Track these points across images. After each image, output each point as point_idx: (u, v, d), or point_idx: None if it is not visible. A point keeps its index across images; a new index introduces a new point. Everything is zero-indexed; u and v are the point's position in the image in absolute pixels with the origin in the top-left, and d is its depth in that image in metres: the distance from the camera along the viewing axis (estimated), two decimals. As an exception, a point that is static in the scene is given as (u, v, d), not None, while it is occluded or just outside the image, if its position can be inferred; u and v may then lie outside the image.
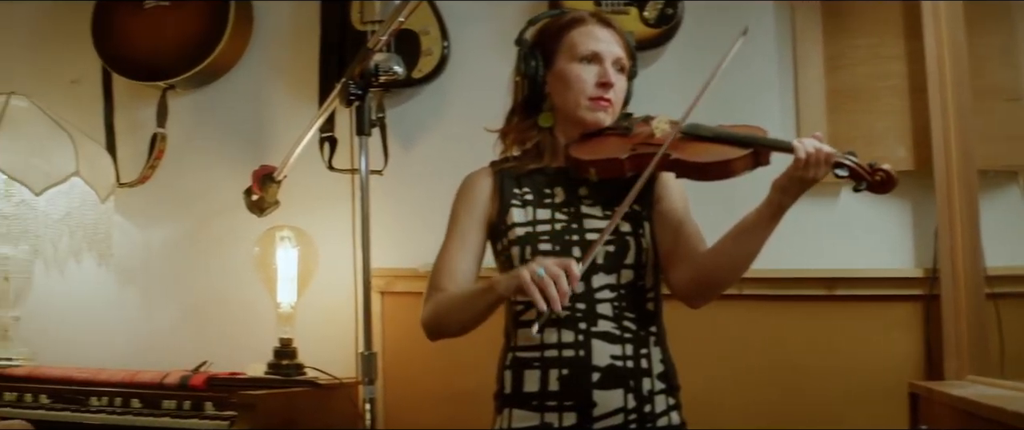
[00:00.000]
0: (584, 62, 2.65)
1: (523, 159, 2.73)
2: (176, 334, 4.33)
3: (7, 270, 4.18)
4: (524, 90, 2.74)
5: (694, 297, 2.63)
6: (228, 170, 4.25)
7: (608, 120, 2.66)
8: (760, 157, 2.50)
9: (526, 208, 2.66)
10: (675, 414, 2.62)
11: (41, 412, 3.78)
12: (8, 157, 4.01)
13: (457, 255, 2.71)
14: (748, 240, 2.50)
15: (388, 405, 3.93)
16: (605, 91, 2.64)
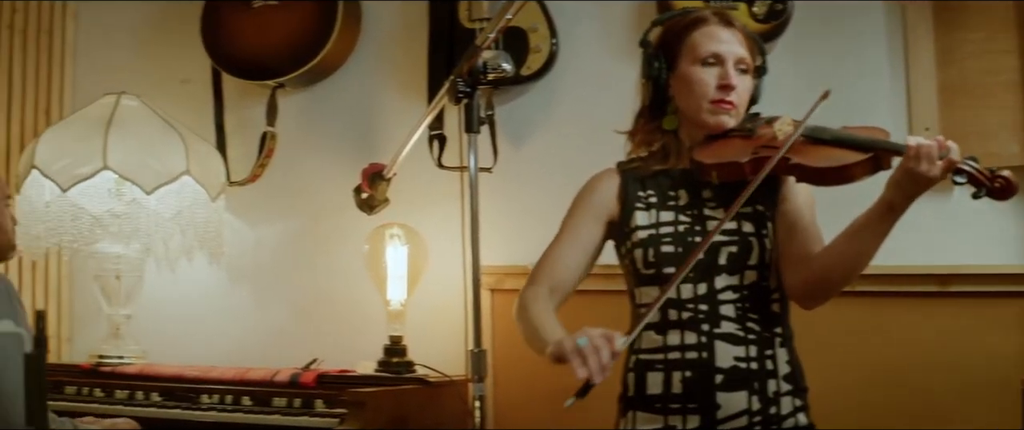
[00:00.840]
0: (706, 64, 2.62)
1: (649, 160, 2.72)
2: (286, 332, 4.37)
3: (119, 269, 4.24)
4: (649, 93, 2.72)
5: (807, 298, 2.58)
6: (338, 168, 4.26)
7: (731, 122, 2.62)
8: (881, 162, 2.45)
9: (650, 211, 2.64)
10: (802, 416, 2.57)
11: (152, 410, 3.82)
12: (120, 157, 4.04)
13: (564, 248, 2.70)
14: (862, 240, 2.45)
15: (498, 403, 3.95)
16: (726, 94, 2.61)
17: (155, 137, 4.16)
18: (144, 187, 4.03)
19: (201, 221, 4.19)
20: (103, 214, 4.10)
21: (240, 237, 4.49)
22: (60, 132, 4.19)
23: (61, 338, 4.69)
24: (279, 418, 3.65)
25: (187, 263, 4.34)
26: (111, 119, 4.14)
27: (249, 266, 4.51)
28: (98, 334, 4.36)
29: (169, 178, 4.07)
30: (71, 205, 4.07)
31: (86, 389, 3.99)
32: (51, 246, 4.17)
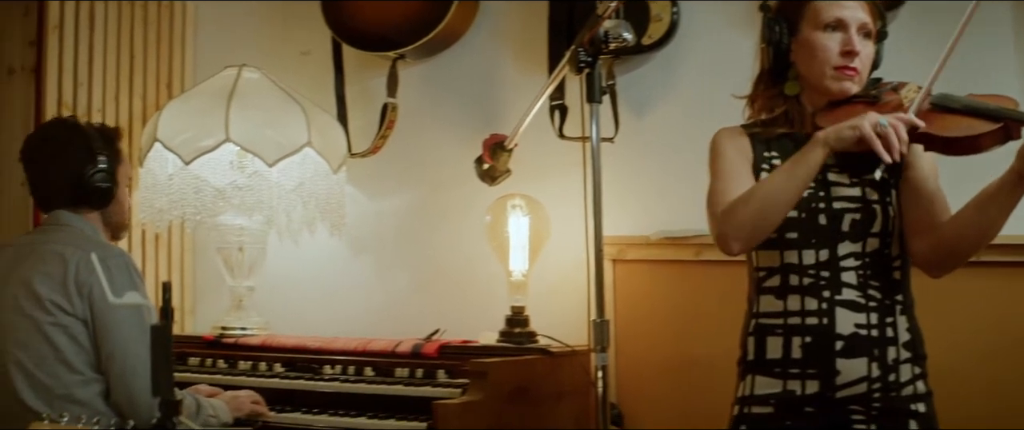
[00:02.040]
0: (828, 30, 2.71)
1: (771, 125, 2.81)
2: (408, 303, 4.51)
3: (242, 241, 4.41)
4: (769, 58, 2.81)
5: (935, 267, 2.68)
6: (458, 139, 4.40)
7: (854, 88, 2.72)
8: (1011, 131, 2.50)
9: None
10: (921, 384, 2.67)
11: (275, 380, 3.97)
12: (241, 129, 4.17)
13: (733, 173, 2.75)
14: (992, 210, 2.53)
15: (620, 373, 4.02)
16: (850, 60, 2.70)
17: (276, 109, 4.29)
18: (266, 159, 4.17)
19: (322, 193, 4.32)
20: (225, 186, 4.25)
21: (361, 208, 4.63)
22: (182, 105, 4.35)
23: (184, 310, 4.89)
24: (401, 388, 3.77)
25: (309, 235, 4.48)
26: (233, 92, 4.28)
27: (370, 237, 4.64)
28: (221, 306, 4.54)
29: (291, 150, 4.19)
30: (194, 177, 4.22)
31: (209, 360, 4.16)
32: (174, 219, 4.33)
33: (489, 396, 3.59)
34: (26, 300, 3.29)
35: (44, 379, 3.25)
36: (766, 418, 2.71)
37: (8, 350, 3.29)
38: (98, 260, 3.24)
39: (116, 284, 3.24)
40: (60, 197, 3.44)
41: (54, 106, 4.44)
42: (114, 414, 3.26)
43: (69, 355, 3.26)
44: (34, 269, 3.31)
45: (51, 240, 3.38)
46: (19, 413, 3.24)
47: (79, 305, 3.25)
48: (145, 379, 2.30)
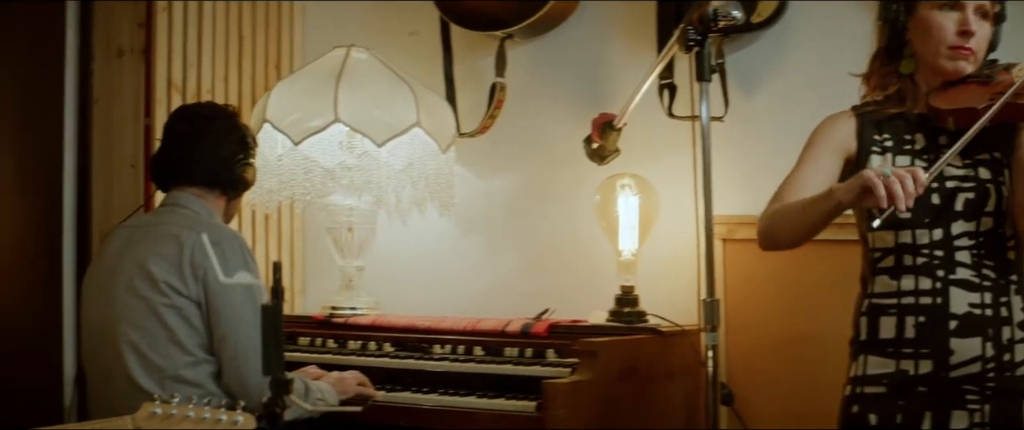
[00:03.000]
0: (945, 9, 2.76)
1: (884, 104, 2.86)
2: (517, 282, 4.58)
3: (351, 221, 4.48)
4: (885, 36, 2.87)
5: None
6: (567, 119, 4.44)
7: (969, 68, 2.77)
8: None
9: (885, 155, 2.80)
10: (1035, 363, 2.71)
11: (385, 360, 4.08)
12: (350, 109, 4.25)
13: (807, 173, 2.85)
14: None
15: (730, 352, 4.06)
16: (965, 40, 2.75)
17: (385, 89, 4.35)
18: (375, 139, 4.24)
19: (432, 173, 4.39)
20: (335, 167, 4.34)
21: (470, 188, 4.71)
22: (291, 86, 4.44)
23: (294, 290, 4.99)
24: (511, 368, 3.85)
25: (418, 215, 4.55)
26: (341, 72, 4.35)
27: (480, 217, 4.73)
28: (331, 286, 4.65)
29: (400, 130, 4.26)
30: (303, 158, 4.32)
31: (319, 340, 4.29)
32: (284, 199, 4.44)
33: (599, 375, 3.64)
34: (141, 281, 3.41)
35: (157, 360, 3.38)
36: (879, 398, 2.78)
37: (122, 330, 3.42)
38: (211, 241, 3.35)
39: (229, 265, 3.36)
40: (194, 178, 3.57)
41: (164, 87, 4.54)
42: (225, 395, 3.34)
43: (182, 336, 3.39)
44: (149, 250, 3.43)
45: (167, 222, 3.51)
46: (131, 393, 3.35)
47: (193, 287, 3.37)
48: (257, 360, 2.37)
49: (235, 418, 2.57)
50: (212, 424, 2.55)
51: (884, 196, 2.46)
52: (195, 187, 3.58)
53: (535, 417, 3.58)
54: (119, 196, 4.55)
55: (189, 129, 3.63)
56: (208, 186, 3.59)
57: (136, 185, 4.51)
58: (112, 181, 4.56)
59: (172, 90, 4.57)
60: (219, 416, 2.56)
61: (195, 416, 2.55)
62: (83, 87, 4.62)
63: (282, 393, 2.27)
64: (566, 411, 3.53)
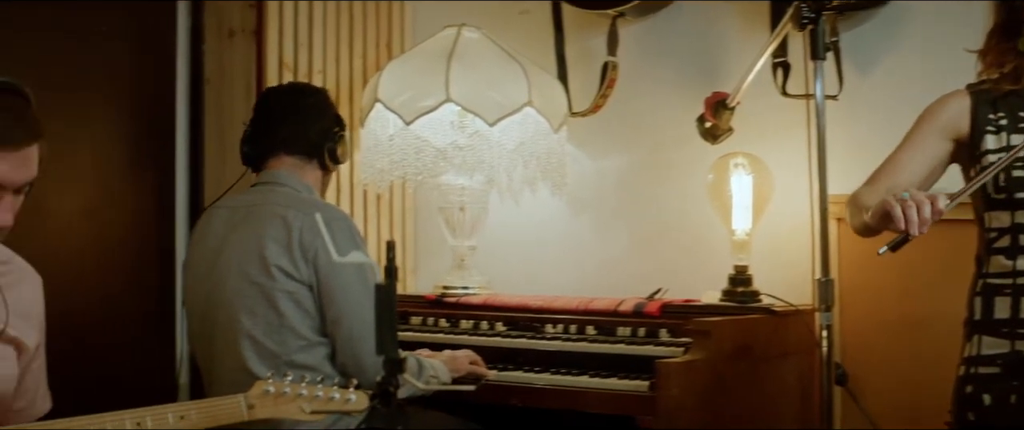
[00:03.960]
0: None
1: (1000, 82, 2.89)
2: (630, 262, 4.64)
3: (463, 201, 4.58)
4: (1002, 13, 2.90)
5: None
6: (680, 97, 4.46)
7: None
8: None
9: (1000, 134, 2.84)
10: None
11: (497, 339, 4.15)
12: (462, 88, 4.32)
13: (906, 155, 2.92)
14: None
15: (844, 331, 4.07)
16: None
17: (496, 69, 4.42)
18: (487, 119, 4.32)
19: (543, 152, 4.45)
20: (446, 146, 4.40)
21: (582, 168, 4.77)
22: (402, 65, 4.53)
23: (406, 269, 5.08)
24: (623, 347, 3.90)
25: (530, 194, 4.61)
26: (452, 51, 4.43)
27: (591, 197, 4.78)
28: (442, 265, 4.76)
29: (511, 110, 4.33)
30: (415, 138, 4.40)
31: (431, 319, 4.37)
32: (395, 179, 4.53)
33: (712, 355, 3.68)
34: (252, 266, 3.49)
35: (271, 346, 3.47)
36: (993, 379, 2.82)
37: (237, 318, 3.51)
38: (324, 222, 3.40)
39: (340, 245, 3.42)
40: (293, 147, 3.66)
41: (275, 67, 4.63)
42: (339, 376, 3.44)
43: (295, 321, 3.47)
44: (257, 233, 3.51)
45: (270, 202, 3.57)
46: (244, 381, 3.34)
47: (305, 270, 3.45)
48: (371, 340, 2.39)
49: (348, 396, 2.69)
50: (325, 402, 2.69)
51: (900, 218, 2.54)
52: (293, 157, 3.67)
53: (648, 397, 3.61)
54: (231, 176, 4.51)
55: (286, 103, 3.75)
56: (306, 156, 3.68)
57: (250, 165, 4.64)
58: (224, 161, 4.67)
59: (283, 70, 4.66)
60: (332, 394, 2.69)
61: (308, 394, 2.70)
62: (195, 68, 4.76)
63: (396, 372, 2.32)
64: (679, 390, 3.57)
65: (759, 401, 3.93)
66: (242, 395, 2.73)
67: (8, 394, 2.82)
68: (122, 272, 4.57)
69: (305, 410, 2.71)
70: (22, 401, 2.91)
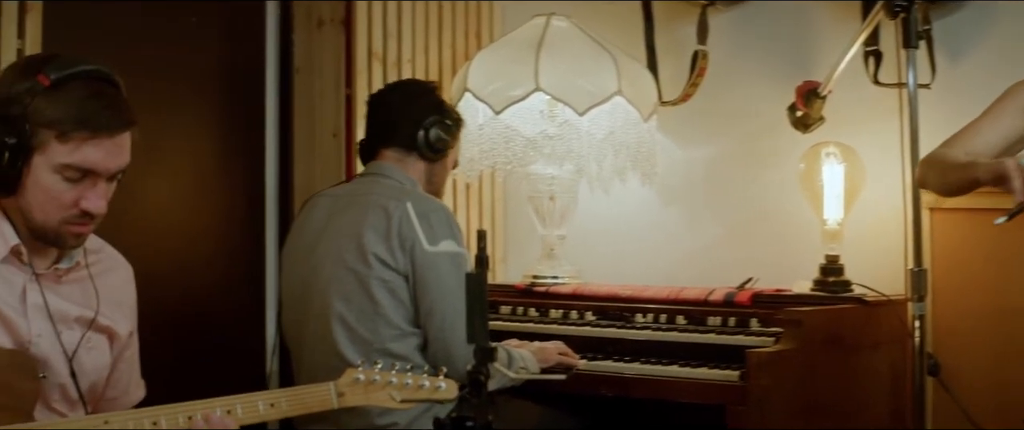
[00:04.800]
0: None
1: None
2: (720, 251, 4.69)
3: (552, 190, 4.62)
4: None
5: None
6: (770, 86, 4.51)
7: None
8: None
9: None
10: None
11: (586, 329, 4.20)
12: (551, 78, 4.36)
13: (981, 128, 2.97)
14: None
15: (936, 322, 4.03)
16: None
17: (586, 58, 4.46)
18: (576, 108, 4.35)
19: (633, 141, 4.49)
20: (536, 136, 4.46)
21: (672, 157, 4.80)
22: (491, 55, 4.60)
23: (495, 259, 5.15)
24: (714, 337, 3.93)
25: (620, 184, 4.66)
26: (542, 41, 4.48)
27: (682, 186, 4.82)
28: (532, 254, 4.81)
29: (601, 99, 4.36)
30: (504, 127, 4.46)
31: (520, 309, 4.43)
32: (485, 168, 4.60)
33: (803, 345, 3.71)
34: (350, 252, 3.59)
35: (364, 333, 3.57)
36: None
37: (331, 304, 3.61)
38: (417, 212, 3.53)
39: (435, 235, 3.53)
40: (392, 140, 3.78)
41: (364, 58, 4.71)
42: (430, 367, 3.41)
43: (389, 310, 3.56)
44: (358, 221, 3.61)
45: (372, 192, 3.69)
46: (337, 366, 3.40)
47: (401, 259, 3.55)
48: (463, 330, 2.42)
49: (437, 384, 2.76)
50: (414, 390, 2.75)
51: (1019, 190, 2.55)
52: (394, 151, 3.78)
53: (738, 386, 3.64)
54: (321, 165, 4.75)
55: (386, 98, 3.88)
56: (405, 148, 3.78)
57: (338, 154, 4.71)
58: (314, 151, 4.76)
59: (373, 60, 4.74)
60: (422, 382, 2.75)
61: (398, 382, 2.76)
62: (284, 58, 4.84)
63: (486, 361, 2.37)
64: (770, 380, 3.61)
65: (850, 391, 3.94)
66: (332, 383, 2.78)
67: (101, 382, 2.90)
68: (212, 260, 4.66)
69: (395, 398, 2.76)
70: (115, 390, 2.98)
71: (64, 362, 2.76)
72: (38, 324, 2.73)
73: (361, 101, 4.59)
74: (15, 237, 2.71)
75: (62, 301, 2.79)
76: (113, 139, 2.67)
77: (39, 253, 2.76)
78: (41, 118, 2.61)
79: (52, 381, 2.74)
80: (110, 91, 2.71)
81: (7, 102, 2.63)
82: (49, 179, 2.64)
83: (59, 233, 2.70)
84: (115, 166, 2.70)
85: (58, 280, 2.80)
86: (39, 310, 2.73)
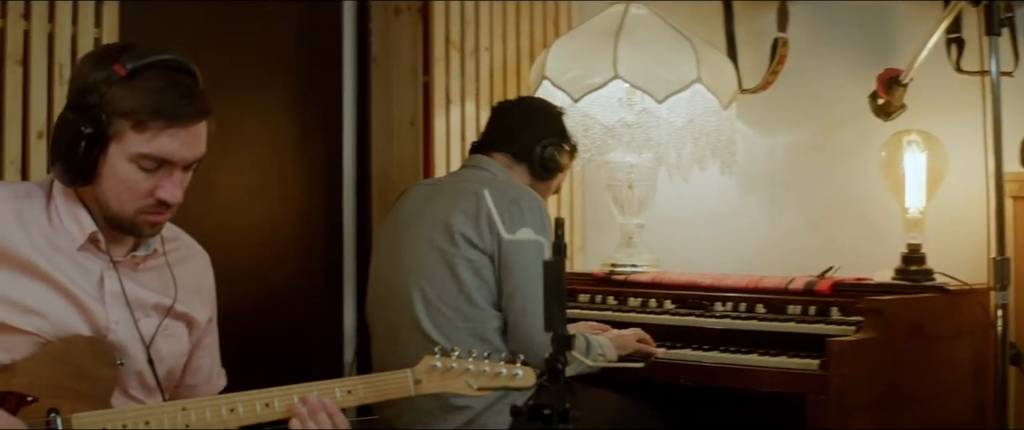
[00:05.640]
0: None
1: None
2: (800, 240, 4.70)
3: (631, 178, 4.68)
4: None
5: None
6: (851, 74, 4.52)
7: None
8: None
9: None
10: None
11: (665, 317, 4.26)
12: (630, 65, 4.40)
13: None
14: None
15: (1019, 311, 4.04)
16: None
17: (665, 45, 4.50)
18: (655, 96, 4.39)
19: (712, 129, 4.53)
20: (614, 124, 4.50)
21: (751, 145, 4.83)
22: (569, 43, 4.64)
23: (574, 247, 5.19)
24: (793, 326, 3.94)
25: (699, 172, 4.70)
26: (620, 28, 4.52)
27: (761, 174, 4.85)
28: (611, 243, 4.86)
29: (680, 87, 4.40)
30: (582, 115, 4.49)
31: (599, 297, 4.50)
32: None
33: (884, 334, 3.72)
34: (437, 233, 3.71)
35: (445, 311, 3.67)
36: None
37: (415, 281, 3.72)
38: (510, 198, 3.65)
39: (525, 221, 3.62)
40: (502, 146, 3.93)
41: (441, 45, 4.79)
42: (507, 351, 3.60)
43: (472, 289, 3.66)
44: (449, 204, 3.73)
45: (466, 179, 3.83)
46: (416, 342, 3.64)
47: (489, 240, 3.65)
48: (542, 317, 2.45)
49: (514, 372, 2.78)
50: (491, 378, 2.78)
51: None
52: (503, 155, 3.91)
53: (818, 375, 3.66)
54: (398, 154, 4.85)
55: (511, 109, 4.03)
56: (515, 157, 3.91)
57: (415, 142, 4.80)
58: (391, 138, 4.86)
59: (450, 48, 4.81)
60: (499, 369, 2.78)
61: (475, 369, 2.79)
62: (361, 46, 4.93)
63: (564, 348, 2.40)
64: (850, 369, 3.63)
65: (931, 380, 3.96)
66: (409, 370, 2.82)
67: (178, 369, 2.95)
68: (290, 250, 4.76)
69: (472, 386, 2.79)
70: (196, 377, 3.03)
71: (142, 349, 2.80)
72: (116, 311, 2.77)
73: (438, 89, 4.71)
74: (92, 225, 2.75)
75: (140, 288, 2.83)
76: (189, 129, 2.69)
77: (116, 241, 2.80)
78: (117, 107, 2.63)
79: (129, 368, 2.78)
80: (186, 81, 2.72)
81: (84, 91, 2.67)
82: (125, 168, 2.67)
83: (135, 222, 2.73)
84: (191, 156, 2.72)
85: (135, 268, 2.84)
86: (117, 297, 2.77)
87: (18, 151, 3.73)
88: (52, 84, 3.78)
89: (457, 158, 4.85)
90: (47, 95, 3.78)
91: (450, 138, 4.87)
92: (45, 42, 3.78)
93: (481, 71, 4.99)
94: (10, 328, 2.66)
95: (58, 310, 2.70)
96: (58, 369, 2.66)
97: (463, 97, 4.90)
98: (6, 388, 2.59)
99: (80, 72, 2.72)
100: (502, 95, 4.94)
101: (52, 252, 2.72)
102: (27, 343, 2.67)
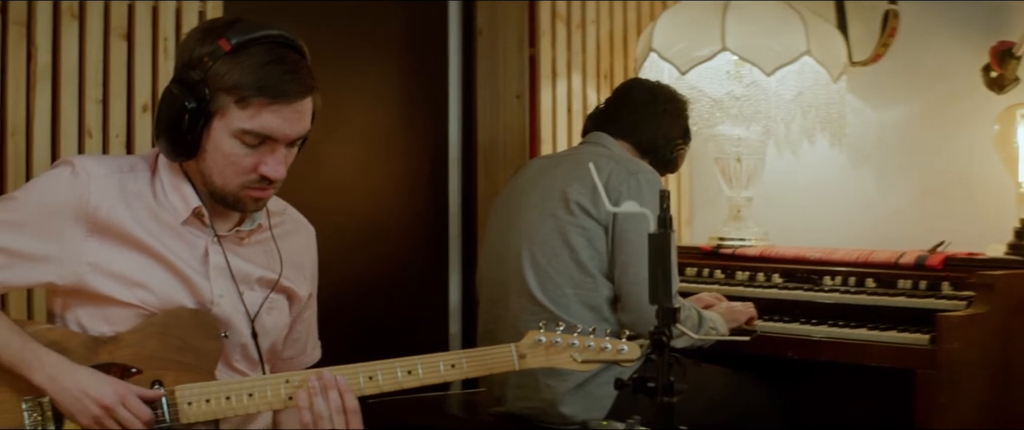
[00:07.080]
0: None
1: None
2: (911, 214, 4.69)
3: (739, 151, 4.73)
4: None
5: None
6: (964, 46, 4.49)
7: None
8: None
9: None
10: None
11: (773, 291, 4.30)
12: (738, 38, 4.45)
13: None
14: None
15: None
16: None
17: (774, 17, 4.53)
18: (764, 68, 4.44)
19: (822, 102, 4.56)
20: (722, 96, 4.58)
21: (862, 118, 4.83)
22: (677, 15, 4.69)
23: (681, 220, 5.25)
24: (904, 300, 3.95)
25: (808, 145, 4.74)
26: (728, 1, 4.56)
27: (871, 148, 4.84)
28: (718, 216, 4.92)
29: (789, 59, 4.43)
30: (689, 88, 4.52)
31: (706, 270, 4.55)
32: None
33: (995, 309, 3.72)
34: (553, 201, 3.81)
35: (555, 276, 3.76)
36: None
37: (527, 247, 3.82)
38: (628, 170, 3.75)
39: (643, 195, 3.70)
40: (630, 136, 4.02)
41: (548, 19, 4.86)
42: (615, 322, 3.70)
43: (584, 257, 3.75)
44: (565, 174, 3.82)
45: (585, 152, 3.93)
46: (527, 307, 3.76)
47: (604, 210, 3.73)
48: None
49: (619, 347, 2.78)
50: (596, 352, 2.79)
51: None
52: (626, 143, 4.00)
53: (928, 350, 3.68)
54: (504, 127, 4.93)
55: (643, 96, 4.08)
56: (639, 148, 4.00)
57: (521, 116, 4.90)
58: (497, 113, 4.93)
59: (556, 21, 4.88)
60: (604, 344, 2.79)
61: (580, 344, 2.80)
62: (467, 19, 5.00)
63: (670, 322, 2.40)
64: (961, 344, 3.64)
65: (1043, 357, 3.93)
66: (513, 345, 2.83)
67: (279, 342, 3.02)
68: (396, 224, 4.86)
69: (576, 360, 2.81)
70: (293, 349, 3.10)
71: (246, 322, 2.87)
72: (220, 285, 2.83)
73: (544, 62, 4.76)
74: (196, 199, 2.80)
75: (244, 263, 2.88)
76: (292, 106, 2.70)
77: (221, 215, 2.85)
78: (221, 83, 2.66)
79: (234, 341, 2.85)
80: (292, 57, 2.73)
81: (188, 66, 2.70)
82: (228, 144, 2.70)
83: (238, 197, 2.77)
84: (294, 133, 2.73)
85: (240, 242, 2.89)
86: (221, 271, 2.83)
87: (123, 125, 3.86)
88: (156, 58, 3.91)
89: (563, 131, 4.93)
90: (152, 69, 3.91)
91: (557, 111, 4.94)
92: (149, 16, 3.91)
93: (588, 44, 5.04)
94: (115, 301, 2.74)
95: (162, 283, 2.78)
96: (162, 341, 2.74)
97: (570, 70, 4.96)
98: (110, 360, 2.68)
99: (186, 46, 2.76)
100: (609, 68, 5.01)
101: (156, 226, 2.79)
102: (132, 315, 2.75)
